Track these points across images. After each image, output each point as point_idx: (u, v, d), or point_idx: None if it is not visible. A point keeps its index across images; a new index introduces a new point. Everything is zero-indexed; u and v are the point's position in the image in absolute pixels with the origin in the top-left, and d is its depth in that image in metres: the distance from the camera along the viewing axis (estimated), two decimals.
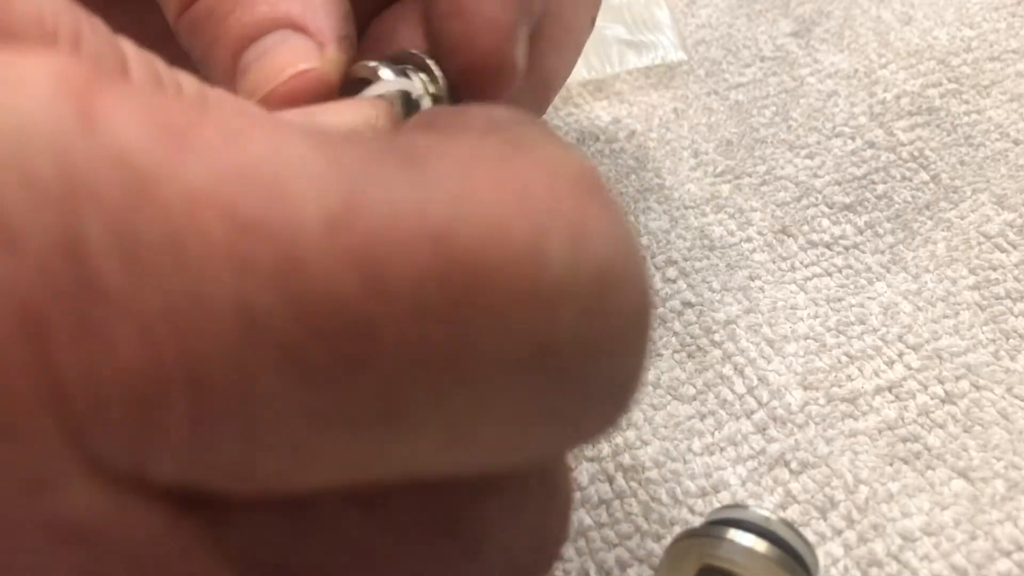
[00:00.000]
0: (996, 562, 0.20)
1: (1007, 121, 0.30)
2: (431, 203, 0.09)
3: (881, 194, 0.28)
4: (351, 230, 0.08)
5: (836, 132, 0.30)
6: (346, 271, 0.08)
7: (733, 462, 0.22)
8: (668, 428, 0.23)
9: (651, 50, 0.32)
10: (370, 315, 0.08)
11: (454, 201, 0.09)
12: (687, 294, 0.26)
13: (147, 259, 0.08)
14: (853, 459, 0.22)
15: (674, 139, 0.30)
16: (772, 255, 0.27)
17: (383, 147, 0.09)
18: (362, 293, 0.08)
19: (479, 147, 0.10)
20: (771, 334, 0.25)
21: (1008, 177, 0.28)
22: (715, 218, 0.28)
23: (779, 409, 0.23)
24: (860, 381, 0.23)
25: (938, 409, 0.23)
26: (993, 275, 0.26)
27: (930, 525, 0.21)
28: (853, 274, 0.26)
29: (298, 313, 0.08)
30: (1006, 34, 0.33)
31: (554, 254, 0.09)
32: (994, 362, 0.24)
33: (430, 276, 0.09)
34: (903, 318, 0.25)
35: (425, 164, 0.09)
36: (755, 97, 0.31)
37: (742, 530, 0.17)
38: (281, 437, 0.09)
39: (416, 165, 0.09)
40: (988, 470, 0.22)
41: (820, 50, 0.33)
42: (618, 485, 0.22)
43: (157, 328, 0.08)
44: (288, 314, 0.08)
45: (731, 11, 0.35)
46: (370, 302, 0.08)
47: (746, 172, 0.29)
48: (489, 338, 0.09)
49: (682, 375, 0.24)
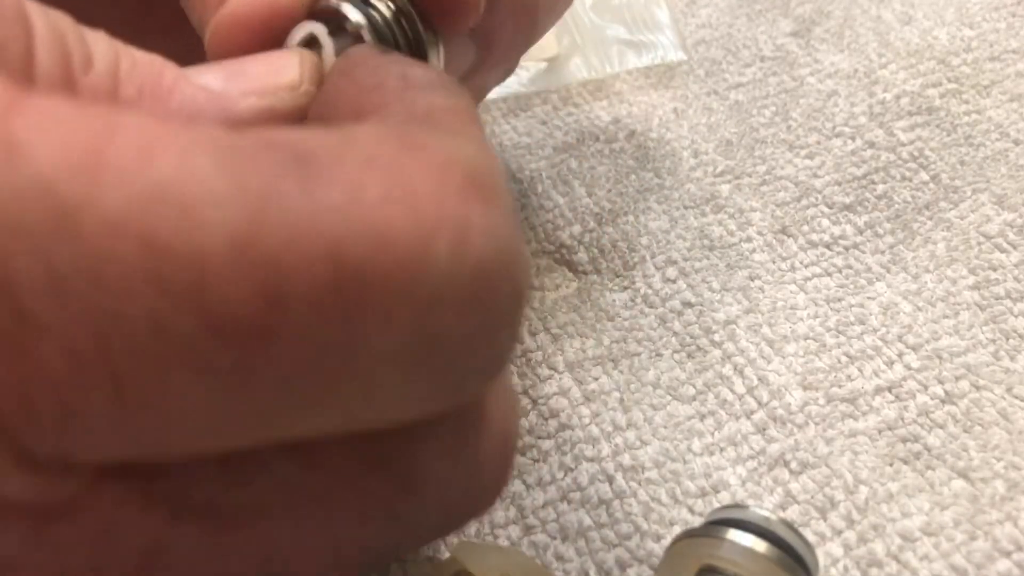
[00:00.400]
0: (996, 562, 0.20)
1: (1007, 121, 0.30)
2: (326, 216, 0.10)
3: (881, 194, 0.28)
4: (253, 250, 0.09)
5: (836, 132, 0.30)
6: (249, 287, 0.09)
7: (733, 462, 0.22)
8: (668, 428, 0.23)
9: (651, 50, 0.32)
10: (271, 324, 0.09)
11: (347, 212, 0.10)
12: (687, 294, 0.26)
13: (71, 287, 0.09)
14: (853, 459, 0.22)
15: (674, 139, 0.30)
16: (772, 255, 0.27)
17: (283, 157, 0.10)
18: (265, 306, 0.09)
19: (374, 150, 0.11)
20: (771, 334, 0.25)
21: (1008, 177, 0.28)
22: (715, 218, 0.28)
23: (779, 409, 0.23)
24: (860, 381, 0.23)
25: (938, 409, 0.23)
26: (993, 275, 0.26)
27: (930, 525, 0.21)
28: (853, 274, 0.26)
29: (207, 325, 0.09)
30: (1006, 34, 0.33)
31: (439, 256, 0.10)
32: (994, 362, 0.24)
33: (325, 287, 0.10)
34: (903, 318, 0.25)
35: (321, 173, 0.10)
36: (755, 97, 0.31)
37: (742, 530, 0.17)
38: (194, 423, 0.10)
39: (312, 176, 0.10)
40: (988, 470, 0.22)
41: (820, 50, 0.33)
42: (618, 485, 0.22)
43: (82, 346, 0.09)
44: (198, 326, 0.09)
45: (731, 11, 0.35)
46: (272, 313, 0.09)
47: (746, 172, 0.29)
48: (378, 334, 0.10)
49: (682, 375, 0.24)
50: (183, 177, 0.09)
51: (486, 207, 0.11)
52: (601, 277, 0.26)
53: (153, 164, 0.09)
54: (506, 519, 0.21)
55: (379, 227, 0.10)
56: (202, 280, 0.09)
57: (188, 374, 0.09)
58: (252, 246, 0.09)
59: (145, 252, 0.09)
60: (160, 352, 0.09)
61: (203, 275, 0.09)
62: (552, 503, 0.21)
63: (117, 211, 0.09)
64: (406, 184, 0.10)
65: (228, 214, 0.09)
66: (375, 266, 0.10)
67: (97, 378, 0.09)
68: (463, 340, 0.11)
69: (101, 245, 0.09)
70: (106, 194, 0.09)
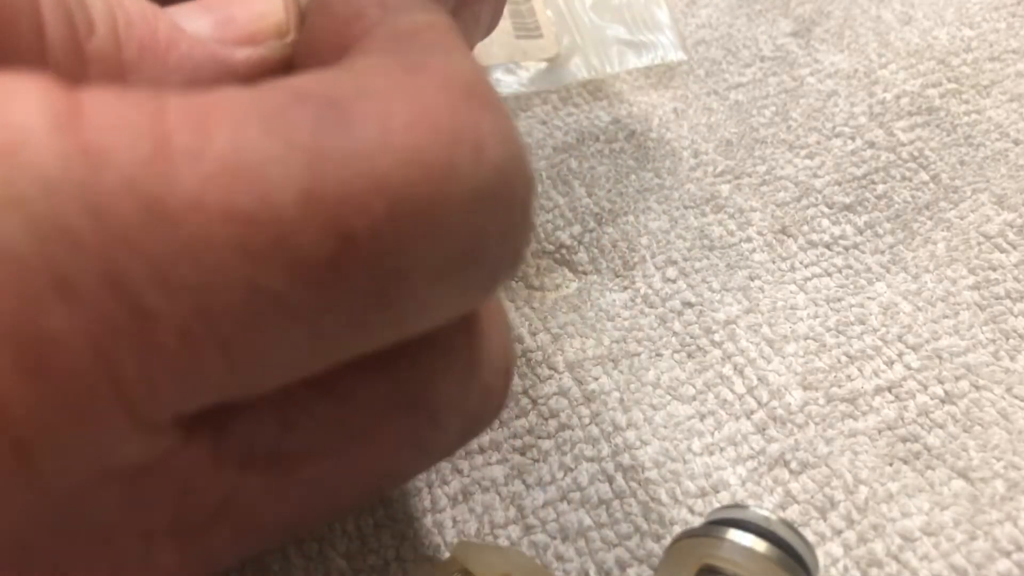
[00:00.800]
0: (996, 562, 0.20)
1: (1007, 121, 0.30)
2: (369, 152, 0.10)
3: (881, 194, 0.28)
4: (318, 197, 0.10)
5: (836, 132, 0.30)
6: (321, 232, 0.10)
7: (733, 462, 0.22)
8: (668, 428, 0.23)
9: (651, 50, 0.32)
10: (342, 260, 0.10)
11: (384, 144, 0.11)
12: (687, 294, 0.26)
13: (173, 275, 0.10)
14: (853, 459, 0.22)
15: (674, 139, 0.30)
16: (772, 255, 0.27)
17: (315, 107, 0.11)
18: (336, 246, 0.10)
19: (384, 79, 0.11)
20: (771, 334, 0.25)
21: (1008, 177, 0.28)
22: (715, 218, 0.28)
23: (779, 409, 0.23)
24: (860, 381, 0.23)
25: (938, 409, 0.23)
26: (993, 275, 0.26)
27: (930, 525, 0.21)
28: (853, 274, 0.26)
29: (292, 275, 0.10)
30: (1006, 34, 0.33)
31: (463, 165, 0.11)
32: (994, 362, 0.24)
33: (382, 216, 0.10)
34: (903, 318, 0.25)
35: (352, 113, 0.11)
36: (755, 97, 0.31)
37: (742, 530, 0.17)
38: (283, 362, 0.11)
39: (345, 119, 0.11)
40: (988, 470, 0.22)
41: (820, 50, 0.33)
42: (618, 485, 0.22)
43: (190, 324, 0.10)
44: (286, 278, 0.10)
45: (731, 11, 0.35)
46: (344, 255, 0.10)
47: (746, 172, 0.29)
48: (426, 250, 0.11)
49: (682, 375, 0.24)
50: (241, 146, 0.10)
51: (491, 113, 0.12)
52: (601, 277, 0.26)
53: (212, 140, 0.10)
54: (506, 519, 0.21)
55: (412, 151, 0.11)
56: (282, 236, 0.10)
57: (282, 322, 0.10)
58: (316, 194, 0.10)
59: (229, 223, 0.10)
60: (258, 311, 0.10)
61: (282, 231, 0.10)
62: (552, 503, 0.21)
63: (196, 191, 0.09)
64: (422, 106, 0.11)
65: (290, 171, 0.10)
66: (416, 187, 0.11)
67: (207, 348, 0.10)
68: (493, 238, 0.12)
69: (190, 227, 0.09)
70: (182, 178, 0.09)
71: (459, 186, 0.11)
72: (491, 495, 0.22)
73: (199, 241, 0.09)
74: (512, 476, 0.22)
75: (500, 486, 0.22)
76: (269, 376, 0.11)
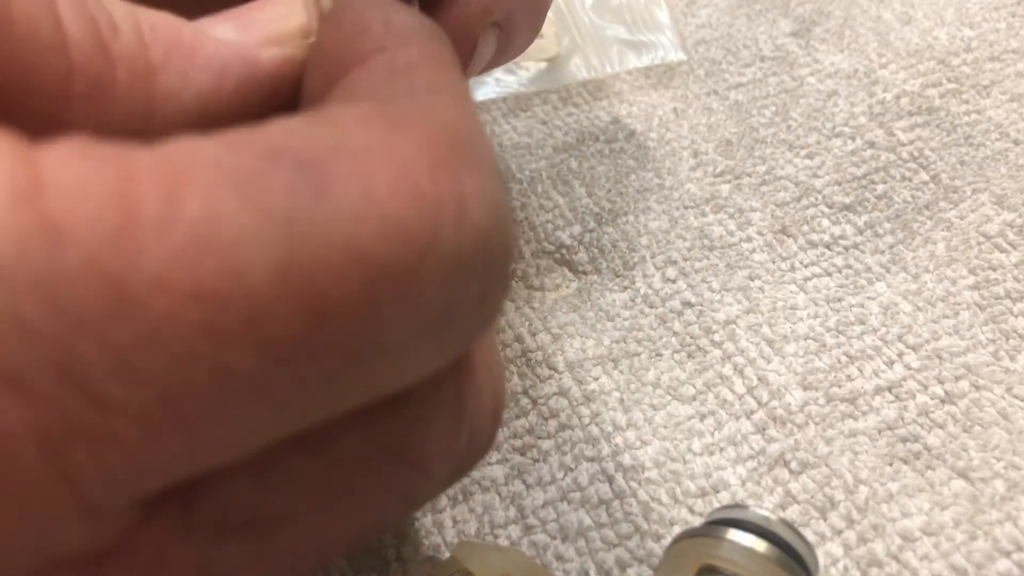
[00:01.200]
0: (996, 562, 0.20)
1: (1007, 121, 0.30)
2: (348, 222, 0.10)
3: (881, 194, 0.28)
4: (292, 273, 0.09)
5: (836, 132, 0.30)
6: (294, 308, 0.10)
7: (733, 462, 0.22)
8: (668, 428, 0.23)
9: (651, 50, 0.32)
10: (315, 334, 0.10)
11: (364, 213, 0.10)
12: (687, 294, 0.26)
13: (136, 362, 0.09)
14: (853, 459, 0.22)
15: (674, 139, 0.30)
16: (772, 255, 0.27)
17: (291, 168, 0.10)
18: (309, 321, 0.10)
19: (365, 137, 0.11)
20: (771, 334, 0.25)
21: (1008, 177, 0.28)
22: (715, 218, 0.28)
23: (779, 409, 0.23)
24: (860, 381, 0.23)
25: (938, 409, 0.23)
26: (993, 275, 0.26)
27: (930, 525, 0.21)
28: (853, 274, 0.26)
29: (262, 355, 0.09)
30: (1006, 34, 0.33)
31: (445, 232, 0.11)
32: (994, 362, 0.24)
33: (358, 287, 0.10)
34: (903, 318, 0.25)
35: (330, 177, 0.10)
36: (755, 97, 0.31)
37: (742, 530, 0.17)
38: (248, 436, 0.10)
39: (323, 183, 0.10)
40: (988, 470, 0.22)
41: (820, 50, 0.33)
42: (618, 485, 0.22)
43: (152, 413, 0.09)
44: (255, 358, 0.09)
45: (731, 11, 0.35)
46: (316, 330, 0.10)
47: (746, 172, 0.29)
48: (402, 317, 0.10)
49: (682, 375, 0.24)
50: (214, 219, 0.09)
51: (475, 174, 0.11)
52: (601, 277, 0.26)
53: (182, 210, 0.09)
54: (506, 519, 0.21)
55: (393, 220, 0.10)
56: (254, 315, 0.09)
57: (249, 401, 0.10)
58: (291, 270, 0.09)
59: (197, 303, 0.09)
60: (224, 393, 0.09)
61: (255, 310, 0.09)
62: (552, 503, 0.21)
63: (162, 269, 0.09)
64: (404, 169, 0.11)
65: (265, 245, 0.09)
66: (396, 257, 0.10)
67: (167, 433, 0.09)
68: (470, 302, 0.11)
69: (155, 310, 0.09)
70: (148, 255, 0.09)
71: (439, 254, 0.10)
72: (491, 495, 0.22)
73: (165, 324, 0.09)
74: (512, 476, 0.22)
75: (500, 486, 0.22)
76: (232, 451, 0.11)
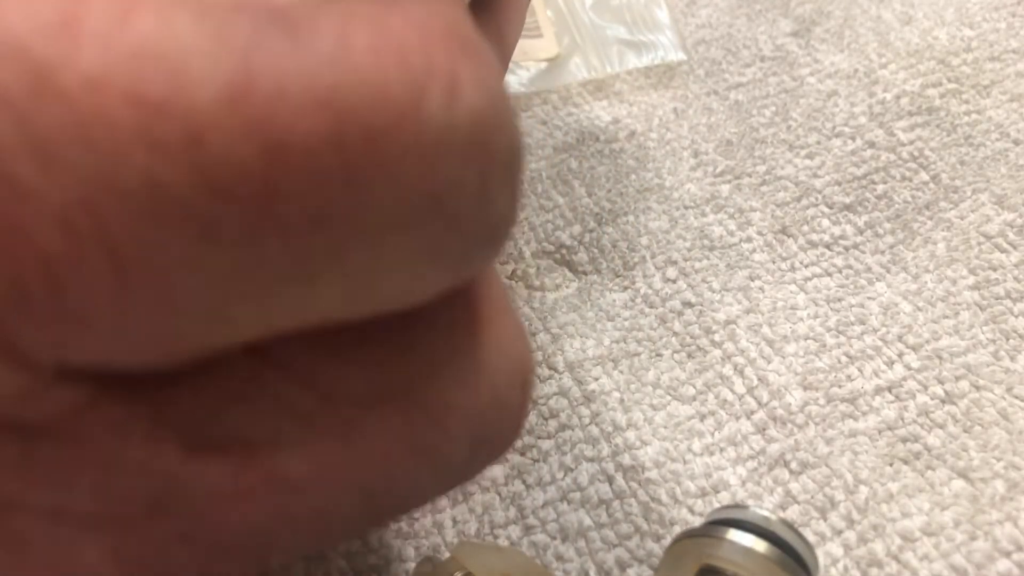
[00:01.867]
0: (996, 562, 0.20)
1: (1007, 121, 0.30)
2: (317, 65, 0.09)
3: (881, 194, 0.28)
4: (246, 101, 0.09)
5: (836, 132, 0.30)
6: (247, 141, 0.09)
7: (733, 462, 0.22)
8: (668, 428, 0.23)
9: (651, 50, 0.32)
10: (272, 181, 0.09)
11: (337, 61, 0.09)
12: (687, 294, 0.26)
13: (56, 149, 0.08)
14: (853, 459, 0.22)
15: (674, 139, 0.30)
16: (772, 255, 0.27)
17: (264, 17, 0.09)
18: (263, 160, 0.09)
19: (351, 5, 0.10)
20: (771, 334, 0.25)
21: (1008, 177, 0.28)
22: (715, 218, 0.28)
23: (779, 409, 0.23)
24: (860, 381, 0.23)
25: (938, 409, 0.23)
26: (993, 275, 0.26)
27: (930, 525, 0.21)
28: (853, 274, 0.26)
29: (205, 183, 0.09)
30: (1006, 34, 0.33)
31: (433, 107, 0.10)
32: (994, 362, 0.24)
33: (324, 137, 0.09)
34: (903, 318, 0.25)
35: (306, 33, 0.09)
36: (755, 97, 0.31)
37: (742, 530, 0.17)
38: (197, 302, 0.09)
39: (297, 35, 0.09)
40: (988, 470, 0.22)
41: (820, 50, 0.33)
42: (618, 485, 0.22)
43: (74, 216, 0.08)
44: (196, 185, 0.09)
45: (731, 11, 0.35)
46: (271, 169, 0.09)
47: (746, 172, 0.29)
48: (382, 194, 0.10)
49: (682, 375, 0.24)
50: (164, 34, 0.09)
51: (472, 61, 0.11)
52: (601, 277, 0.26)
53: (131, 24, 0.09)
54: (506, 519, 0.21)
55: (371, 76, 0.09)
56: (196, 135, 0.09)
57: (189, 241, 0.09)
58: (244, 97, 0.09)
59: (133, 109, 0.08)
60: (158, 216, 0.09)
61: (197, 130, 0.09)
62: (552, 503, 0.21)
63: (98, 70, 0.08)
64: (391, 36, 0.10)
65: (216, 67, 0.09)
66: (372, 116, 0.09)
67: (93, 251, 0.09)
68: (465, 198, 0.11)
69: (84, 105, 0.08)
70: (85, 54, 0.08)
71: (423, 122, 0.10)
72: (491, 495, 0.22)
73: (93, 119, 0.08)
74: (512, 476, 0.22)
75: (500, 486, 0.22)
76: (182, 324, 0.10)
